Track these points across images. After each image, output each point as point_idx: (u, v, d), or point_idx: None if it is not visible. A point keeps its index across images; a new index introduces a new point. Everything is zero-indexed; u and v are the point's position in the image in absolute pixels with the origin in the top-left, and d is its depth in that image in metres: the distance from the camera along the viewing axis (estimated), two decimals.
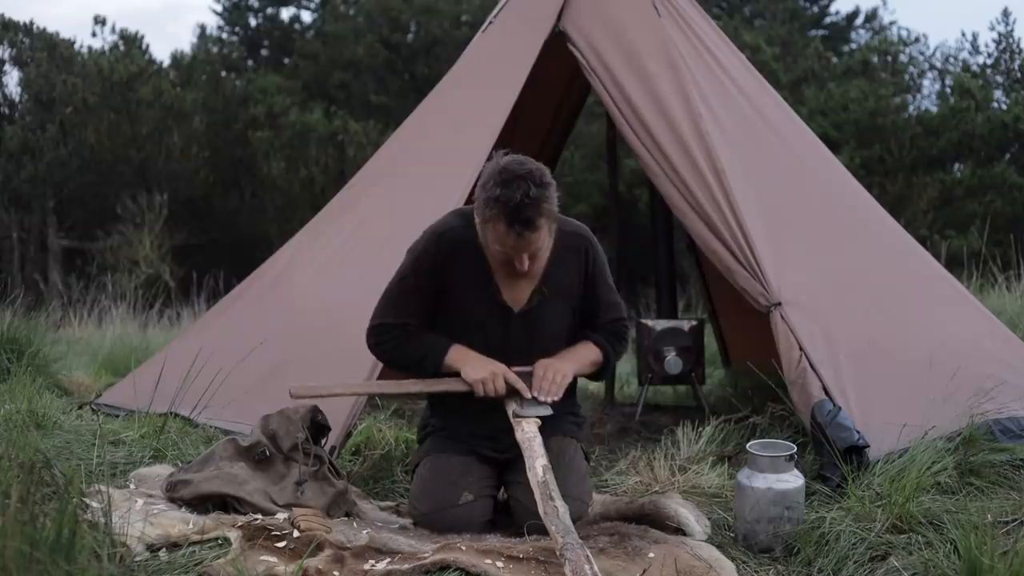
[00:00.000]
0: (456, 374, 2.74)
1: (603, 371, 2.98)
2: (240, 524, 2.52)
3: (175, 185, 17.75)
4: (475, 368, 2.72)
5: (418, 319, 2.80)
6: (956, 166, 16.50)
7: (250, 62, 23.19)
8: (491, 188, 2.57)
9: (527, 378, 2.74)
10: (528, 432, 2.61)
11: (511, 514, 2.79)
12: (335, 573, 2.28)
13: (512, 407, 2.72)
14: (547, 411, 2.71)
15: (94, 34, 40.21)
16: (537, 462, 2.51)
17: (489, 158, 2.71)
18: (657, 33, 4.16)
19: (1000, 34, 17.99)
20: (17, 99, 18.90)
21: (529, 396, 2.71)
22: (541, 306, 2.80)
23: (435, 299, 2.79)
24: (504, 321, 2.79)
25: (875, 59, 18.96)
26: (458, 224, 2.80)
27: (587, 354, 2.88)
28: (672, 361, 4.77)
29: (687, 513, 2.76)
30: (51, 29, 19.35)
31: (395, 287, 2.83)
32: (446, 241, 2.77)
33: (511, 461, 2.80)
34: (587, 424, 3.45)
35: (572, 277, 2.84)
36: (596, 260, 2.87)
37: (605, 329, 2.92)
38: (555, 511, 2.36)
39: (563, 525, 2.31)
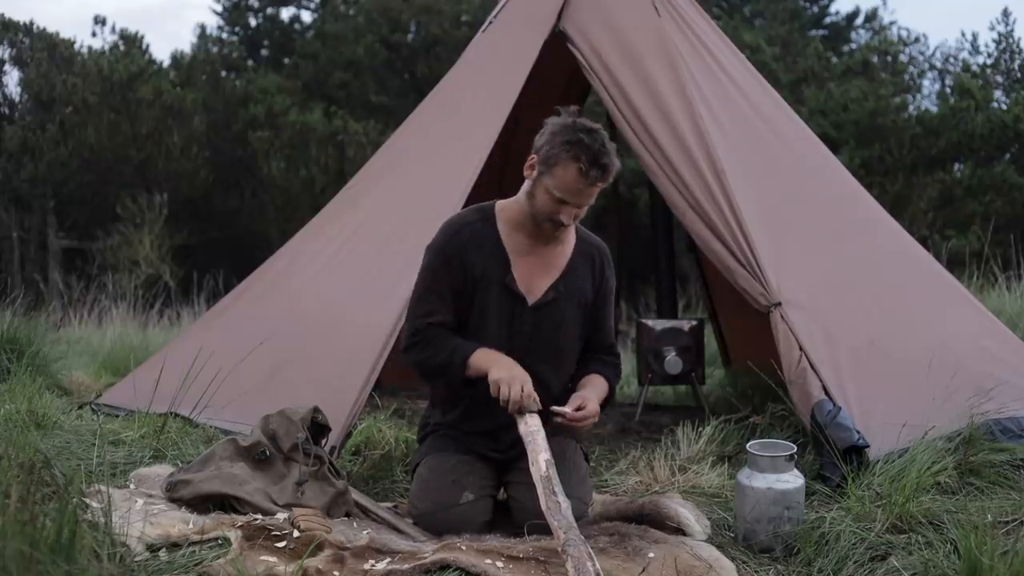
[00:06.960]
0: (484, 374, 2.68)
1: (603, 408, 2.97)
2: (240, 524, 2.52)
3: (175, 185, 17.72)
4: (499, 369, 2.65)
5: (442, 315, 2.76)
6: (956, 166, 16.47)
7: (250, 62, 23.12)
8: (569, 133, 2.64)
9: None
10: (531, 426, 2.59)
11: (511, 514, 2.79)
12: (335, 573, 2.28)
13: None
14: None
15: (94, 34, 40.17)
16: (540, 456, 2.49)
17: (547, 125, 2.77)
18: (657, 33, 4.16)
19: (1000, 34, 17.96)
20: (17, 99, 18.86)
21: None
22: (554, 303, 2.81)
23: (460, 292, 2.76)
24: (517, 313, 2.78)
25: (875, 59, 18.92)
26: (476, 218, 2.82)
27: (603, 392, 2.86)
28: (672, 361, 4.77)
29: (687, 513, 2.76)
30: (51, 29, 19.28)
31: (418, 286, 2.82)
32: (466, 233, 2.78)
33: (511, 461, 2.80)
34: None
35: (585, 284, 2.86)
36: (608, 278, 2.91)
37: (603, 362, 2.93)
38: (557, 506, 2.34)
39: (565, 521, 2.29)
